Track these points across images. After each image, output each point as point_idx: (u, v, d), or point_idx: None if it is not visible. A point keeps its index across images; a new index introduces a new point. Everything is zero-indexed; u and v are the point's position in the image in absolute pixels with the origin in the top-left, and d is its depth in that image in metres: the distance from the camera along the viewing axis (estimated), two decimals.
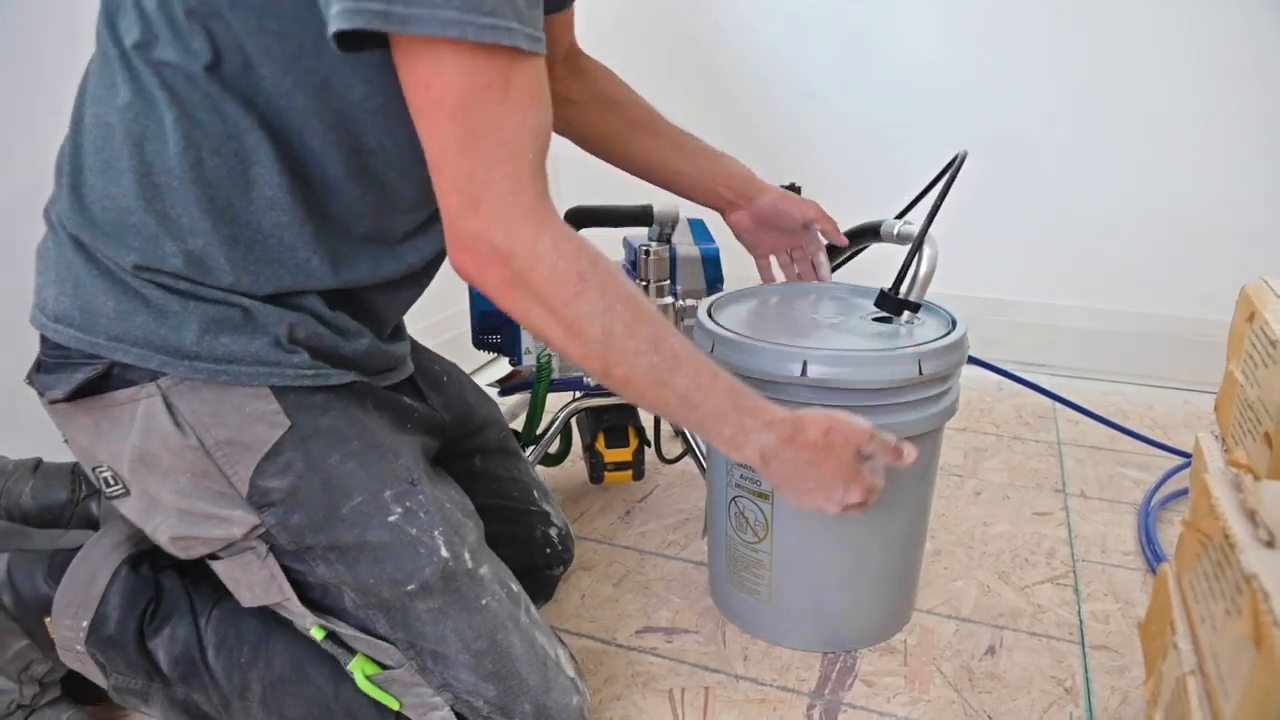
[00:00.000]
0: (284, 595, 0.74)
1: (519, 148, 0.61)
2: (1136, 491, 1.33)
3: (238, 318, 0.69)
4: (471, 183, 0.61)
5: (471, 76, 0.58)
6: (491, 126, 0.60)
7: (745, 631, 1.01)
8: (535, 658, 0.76)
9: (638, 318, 0.67)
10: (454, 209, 0.63)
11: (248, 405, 0.69)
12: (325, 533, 0.71)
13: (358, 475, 0.72)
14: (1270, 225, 1.65)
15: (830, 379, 0.83)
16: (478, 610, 0.74)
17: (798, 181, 1.97)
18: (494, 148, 0.61)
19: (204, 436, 0.69)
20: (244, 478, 0.69)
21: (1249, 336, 0.76)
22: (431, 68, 0.58)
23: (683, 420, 0.73)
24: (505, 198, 0.61)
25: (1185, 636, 0.58)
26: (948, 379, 0.90)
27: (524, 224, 0.62)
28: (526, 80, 0.61)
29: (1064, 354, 1.84)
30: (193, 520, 0.71)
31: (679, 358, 0.69)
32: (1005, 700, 0.90)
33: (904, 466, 0.79)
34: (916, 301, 0.92)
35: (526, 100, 0.61)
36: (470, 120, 0.60)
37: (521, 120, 0.61)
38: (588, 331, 0.65)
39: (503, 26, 0.57)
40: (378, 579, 0.72)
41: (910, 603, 1.03)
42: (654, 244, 1.17)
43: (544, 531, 1.00)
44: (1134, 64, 1.67)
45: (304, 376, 0.71)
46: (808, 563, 0.94)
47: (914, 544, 0.98)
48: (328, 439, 0.71)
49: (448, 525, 0.74)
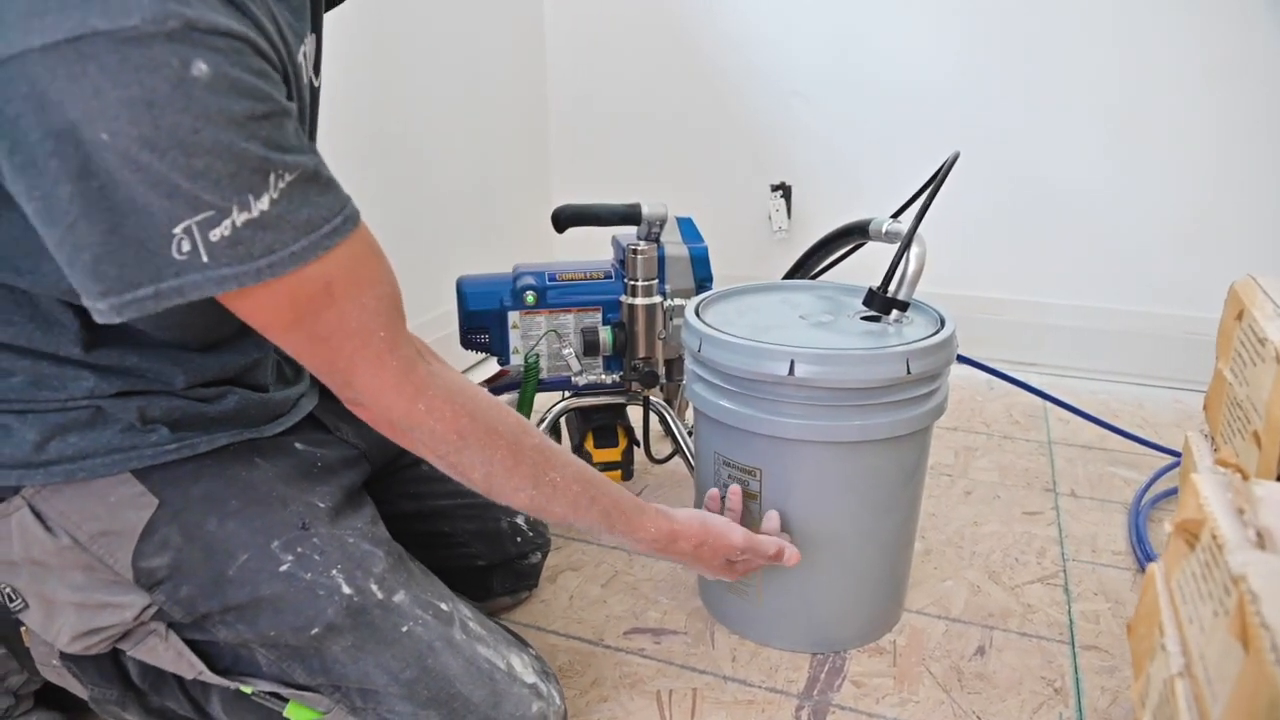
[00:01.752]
0: (196, 669, 0.73)
1: (368, 332, 0.62)
2: (1127, 490, 1.33)
3: (84, 417, 0.67)
4: (335, 372, 0.63)
5: (290, 300, 0.58)
6: (332, 327, 0.61)
7: (734, 632, 1.00)
8: (477, 673, 0.74)
9: (518, 460, 0.71)
10: (332, 386, 0.65)
11: (111, 494, 0.68)
12: (217, 598, 0.70)
13: (239, 534, 0.71)
14: (1259, 223, 1.65)
15: (817, 378, 0.83)
16: (398, 639, 0.72)
17: (788, 181, 1.98)
18: (342, 342, 0.61)
19: (76, 534, 0.68)
20: (125, 563, 0.69)
21: (1238, 335, 0.76)
22: (246, 307, 0.58)
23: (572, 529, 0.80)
24: (370, 379, 0.64)
25: (1173, 638, 0.57)
26: (936, 378, 0.89)
27: (395, 398, 0.65)
28: (347, 267, 0.60)
29: (1054, 352, 1.84)
30: (90, 612, 0.70)
31: (556, 489, 0.73)
32: (995, 701, 0.89)
33: (781, 564, 0.87)
34: (905, 300, 0.92)
35: (356, 287, 0.61)
36: (308, 329, 0.60)
37: (360, 306, 0.61)
38: (470, 475, 0.71)
39: (295, 251, 0.56)
40: (279, 630, 0.71)
41: (900, 603, 1.02)
42: (642, 243, 1.17)
43: (509, 521, 0.99)
44: (1123, 63, 1.67)
45: (166, 453, 0.69)
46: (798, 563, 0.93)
47: (903, 544, 0.98)
48: (202, 506, 0.70)
49: (348, 561, 0.73)
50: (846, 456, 0.88)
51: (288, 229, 0.55)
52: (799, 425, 0.86)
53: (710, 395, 0.91)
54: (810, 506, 0.90)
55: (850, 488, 0.90)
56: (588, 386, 1.22)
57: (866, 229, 1.05)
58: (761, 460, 0.90)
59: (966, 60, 1.77)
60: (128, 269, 0.52)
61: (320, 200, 0.57)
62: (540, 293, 1.19)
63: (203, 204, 0.51)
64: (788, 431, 0.86)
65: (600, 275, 1.22)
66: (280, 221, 0.55)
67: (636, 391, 1.23)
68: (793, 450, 0.88)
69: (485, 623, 0.80)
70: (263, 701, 0.75)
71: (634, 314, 1.18)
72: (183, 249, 0.52)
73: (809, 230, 1.96)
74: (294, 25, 0.64)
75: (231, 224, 0.53)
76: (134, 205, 0.51)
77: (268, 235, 0.54)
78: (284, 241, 0.55)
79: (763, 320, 0.95)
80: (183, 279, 0.53)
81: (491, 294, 1.20)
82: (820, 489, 0.90)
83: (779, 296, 1.05)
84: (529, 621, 1.03)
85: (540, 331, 1.21)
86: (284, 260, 0.55)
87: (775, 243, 2.00)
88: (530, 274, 1.21)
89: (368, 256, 0.62)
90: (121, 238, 0.51)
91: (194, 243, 0.52)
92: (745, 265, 1.95)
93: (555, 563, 1.14)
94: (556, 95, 2.11)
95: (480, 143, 1.86)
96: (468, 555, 0.98)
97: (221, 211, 0.52)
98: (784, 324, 0.94)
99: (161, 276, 0.53)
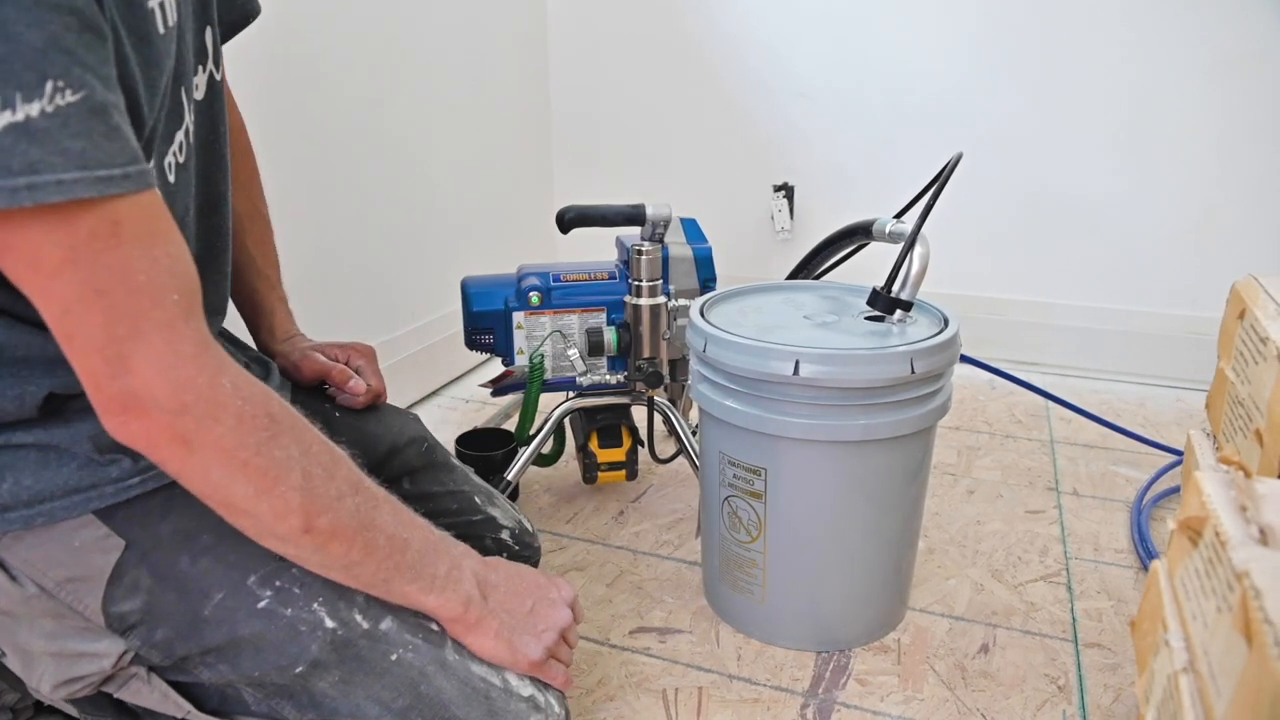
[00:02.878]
0: (183, 710, 0.70)
1: (159, 290, 0.53)
2: (1129, 489, 1.34)
3: (32, 454, 0.62)
4: (114, 340, 0.53)
5: (68, 232, 0.50)
6: (115, 276, 0.52)
7: (739, 631, 1.01)
8: (473, 694, 0.71)
9: (334, 459, 0.63)
10: (98, 371, 0.54)
11: (75, 538, 0.64)
12: (194, 640, 0.67)
13: (213, 571, 0.67)
14: (1261, 224, 1.66)
15: (822, 378, 0.83)
16: (388, 669, 0.69)
17: (790, 181, 1.99)
18: (127, 298, 0.52)
19: (42, 582, 0.64)
20: (96, 609, 0.65)
21: (1240, 334, 0.76)
22: (16, 236, 0.49)
23: (392, 573, 0.67)
24: (162, 348, 0.54)
25: (1177, 634, 0.58)
26: (940, 378, 0.90)
27: (194, 370, 0.55)
28: (138, 216, 0.52)
29: (1056, 352, 1.85)
30: (67, 661, 0.67)
31: (378, 497, 0.67)
32: (999, 698, 0.90)
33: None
34: (909, 300, 0.92)
35: (151, 237, 0.53)
36: (85, 275, 0.51)
37: (151, 260, 0.53)
38: (286, 479, 0.59)
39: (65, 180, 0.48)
40: (263, 670, 0.67)
41: (904, 601, 1.03)
42: (647, 244, 1.17)
43: (494, 538, 0.97)
44: (1126, 62, 1.67)
45: (129, 488, 0.65)
46: (801, 562, 0.94)
47: (907, 543, 0.98)
48: (171, 544, 0.66)
49: (330, 591, 0.69)
50: (851, 455, 0.88)
51: (57, 153, 0.48)
52: (804, 425, 0.86)
53: (715, 395, 0.92)
54: (815, 505, 0.91)
55: (855, 487, 0.90)
56: (592, 387, 1.23)
57: (870, 229, 1.06)
58: (767, 460, 0.90)
59: (969, 61, 1.78)
60: None
61: (104, 143, 0.50)
62: (545, 293, 1.20)
63: None
64: (793, 431, 0.87)
65: (605, 276, 1.23)
66: (48, 139, 0.47)
67: (641, 392, 1.23)
68: (798, 449, 0.88)
69: None
70: None
71: (638, 314, 1.19)
72: None
73: (811, 231, 1.96)
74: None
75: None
76: None
77: (32, 150, 0.47)
78: (51, 165, 0.47)
79: (767, 320, 0.96)
80: None
81: (496, 295, 1.20)
82: (825, 488, 0.90)
83: (782, 297, 1.05)
84: None
85: (545, 332, 1.22)
86: (48, 187, 0.47)
87: (778, 243, 2.01)
88: (535, 275, 1.21)
89: (162, 220, 0.55)
90: None
91: None
92: (747, 266, 1.95)
93: (561, 562, 1.14)
94: (559, 96, 2.12)
95: (484, 144, 1.87)
96: None
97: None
98: (788, 324, 0.95)
99: None
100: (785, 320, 0.96)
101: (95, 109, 0.49)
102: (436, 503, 0.95)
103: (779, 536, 0.93)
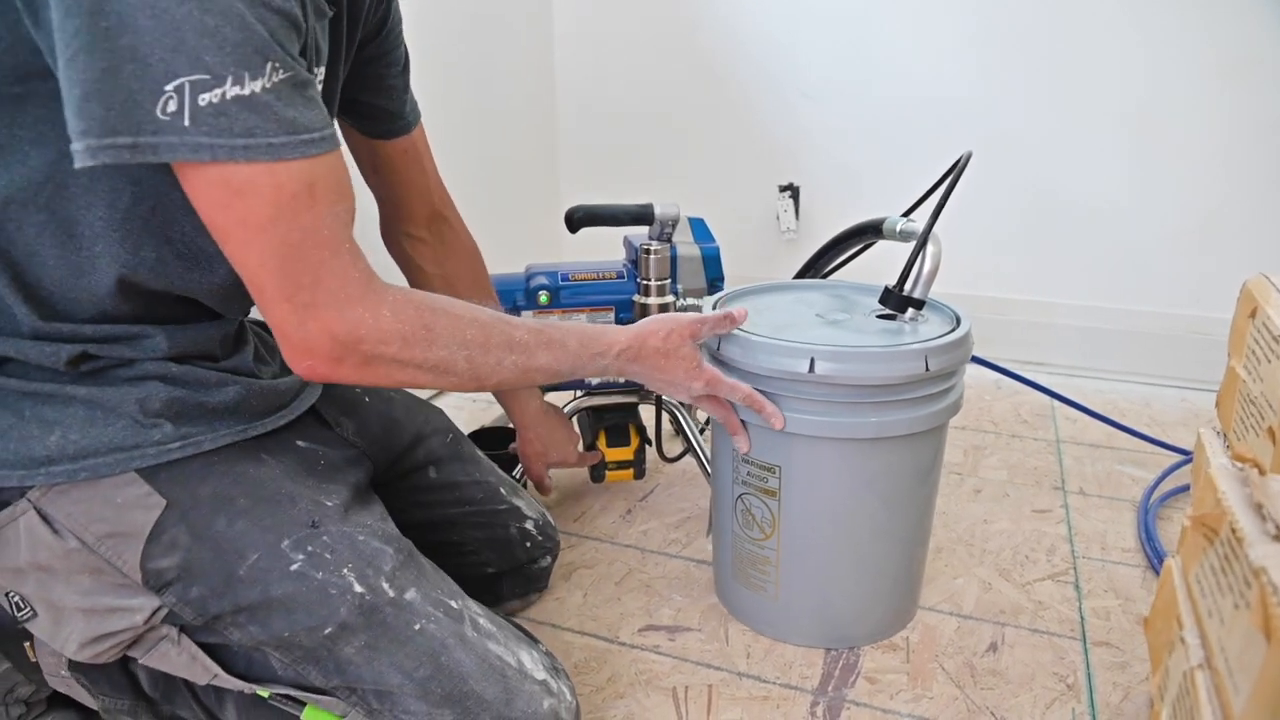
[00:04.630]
0: (211, 673, 0.73)
1: (338, 242, 0.62)
2: (1135, 488, 1.34)
3: (81, 411, 0.67)
4: (300, 290, 0.61)
5: (274, 192, 0.58)
6: (307, 234, 0.60)
7: (750, 629, 1.01)
8: (490, 670, 0.73)
9: (486, 330, 0.71)
10: (287, 319, 0.62)
11: (118, 495, 0.68)
12: (228, 598, 0.69)
13: (249, 533, 0.70)
14: (1265, 223, 1.66)
15: (837, 375, 0.83)
16: (411, 637, 0.72)
17: (796, 181, 1.99)
18: (313, 251, 0.60)
19: (84, 536, 0.67)
20: (134, 565, 0.68)
21: (1251, 332, 0.76)
22: (224, 191, 0.58)
23: (556, 380, 0.79)
24: (337, 293, 0.62)
25: (1193, 631, 0.58)
26: (952, 375, 0.90)
27: (361, 308, 0.63)
28: (328, 178, 0.61)
29: (1061, 352, 1.85)
30: (99, 617, 0.69)
31: (530, 343, 0.74)
32: (1008, 697, 0.90)
33: (737, 327, 0.89)
34: (921, 299, 0.93)
35: (338, 194, 0.62)
36: (284, 233, 0.59)
37: (335, 216, 0.61)
38: (454, 367, 0.69)
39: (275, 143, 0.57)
40: (293, 631, 0.70)
41: (915, 599, 1.03)
42: (655, 243, 1.17)
43: (519, 527, 0.99)
44: (1131, 61, 1.67)
45: (170, 451, 0.69)
46: (814, 559, 0.94)
47: (919, 541, 0.98)
48: (210, 506, 0.70)
49: (359, 559, 0.72)
50: (865, 453, 0.89)
51: (271, 119, 0.56)
52: (818, 422, 0.86)
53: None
54: (829, 503, 0.91)
55: (868, 484, 0.90)
56: (600, 385, 1.23)
57: (879, 228, 1.06)
58: (781, 457, 0.90)
59: (975, 61, 1.78)
60: (112, 114, 0.53)
61: (307, 110, 0.59)
62: (553, 292, 1.20)
63: (201, 64, 0.53)
64: (807, 428, 0.87)
65: (613, 275, 1.23)
66: (266, 109, 0.56)
67: (649, 390, 1.23)
68: (812, 447, 0.89)
69: (495, 619, 0.80)
70: (279, 705, 0.74)
71: (646, 314, 1.19)
72: (168, 109, 0.53)
73: (817, 230, 1.97)
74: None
75: (222, 93, 0.54)
76: (135, 53, 0.52)
77: (252, 118, 0.56)
78: (265, 129, 0.56)
79: (779, 319, 0.96)
80: (160, 138, 0.54)
81: (504, 294, 1.20)
82: (839, 485, 0.90)
83: (793, 296, 1.06)
84: (543, 619, 1.03)
85: None
86: (260, 148, 0.56)
87: (783, 243, 2.01)
88: (543, 274, 1.21)
89: (345, 176, 0.63)
90: (115, 81, 0.52)
91: (181, 105, 0.53)
92: (753, 265, 1.96)
93: (569, 560, 1.15)
94: (565, 96, 2.12)
95: (490, 144, 1.87)
96: (478, 563, 0.98)
97: (216, 78, 0.54)
98: (801, 322, 0.95)
99: (141, 130, 0.53)
100: (797, 319, 0.96)
101: (300, 83, 0.59)
102: (462, 491, 0.97)
103: (792, 533, 0.93)
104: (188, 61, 0.53)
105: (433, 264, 1.04)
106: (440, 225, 1.04)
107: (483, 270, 1.09)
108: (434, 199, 1.03)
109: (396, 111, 0.95)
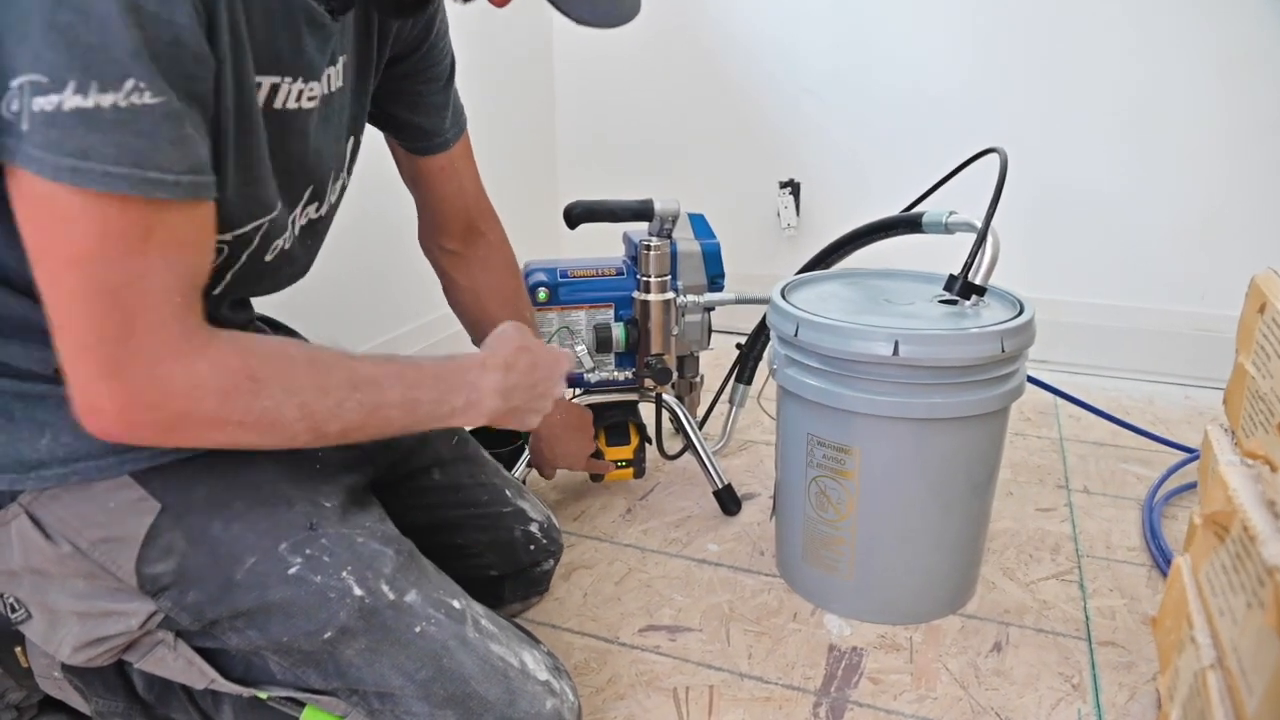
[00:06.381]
0: (208, 677, 0.71)
1: (163, 294, 0.54)
2: (1139, 487, 1.33)
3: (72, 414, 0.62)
4: (106, 341, 0.53)
5: (99, 226, 0.51)
6: (129, 281, 0.53)
7: (819, 607, 1.03)
8: (492, 671, 0.73)
9: (324, 371, 0.63)
10: (86, 372, 0.54)
11: (111, 499, 0.66)
12: (225, 603, 0.68)
13: (245, 537, 0.68)
14: (1268, 221, 1.65)
15: (921, 358, 0.86)
16: (412, 640, 0.71)
17: (797, 178, 1.98)
18: (131, 299, 0.53)
19: (77, 541, 0.66)
20: (129, 570, 0.66)
21: (1260, 327, 0.75)
22: (44, 211, 0.51)
23: (412, 425, 0.69)
24: (148, 348, 0.54)
25: (1203, 630, 0.57)
26: (1018, 358, 0.94)
27: (174, 364, 0.55)
28: (175, 230, 0.54)
29: (1064, 349, 1.84)
30: (94, 621, 0.68)
31: (378, 377, 0.66)
32: (1012, 697, 0.89)
33: None
34: (982, 286, 0.97)
35: (174, 249, 0.54)
36: (101, 274, 0.52)
37: (167, 267, 0.54)
38: (282, 417, 0.61)
39: (112, 174, 0.50)
40: (292, 635, 0.68)
41: (977, 573, 1.06)
42: (655, 239, 1.16)
43: (523, 530, 0.98)
44: (1134, 60, 1.66)
45: (164, 453, 0.66)
46: (890, 538, 0.97)
47: (986, 515, 1.02)
48: (205, 509, 0.68)
49: (358, 562, 0.71)
50: (941, 433, 0.92)
51: (113, 144, 0.50)
52: (897, 403, 0.89)
53: (805, 378, 0.95)
54: (905, 482, 0.94)
55: (943, 463, 0.93)
56: (600, 383, 1.22)
57: (917, 222, 1.10)
58: (858, 439, 0.93)
59: (976, 58, 1.77)
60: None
61: (169, 147, 0.52)
62: (552, 289, 1.19)
63: (41, 63, 0.47)
64: (886, 410, 0.90)
65: (612, 272, 1.22)
66: (111, 131, 0.49)
67: (649, 388, 1.23)
68: (890, 428, 0.92)
69: (496, 620, 0.79)
70: (278, 707, 0.73)
71: (647, 310, 1.18)
72: (11, 108, 0.48)
73: (817, 227, 1.96)
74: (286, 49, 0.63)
75: (58, 101, 0.48)
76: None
77: (90, 136, 0.49)
78: (104, 155, 0.49)
79: (850, 305, 0.99)
80: (22, 144, 0.49)
81: None
82: (915, 465, 0.93)
83: (854, 284, 1.08)
84: (543, 620, 1.02)
85: (552, 328, 1.21)
86: (93, 174, 0.49)
87: (784, 239, 2.00)
88: (542, 270, 1.20)
89: (201, 232, 0.57)
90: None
91: (21, 106, 0.48)
92: (754, 261, 1.95)
93: (569, 560, 1.14)
94: (564, 90, 2.11)
95: (488, 140, 1.85)
96: (480, 566, 0.97)
97: (55, 82, 0.48)
98: (873, 308, 0.98)
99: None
100: (868, 305, 0.99)
101: (169, 115, 0.51)
102: (467, 493, 0.96)
103: (869, 514, 0.95)
104: (30, 58, 0.47)
105: (464, 276, 1.02)
106: (475, 239, 1.02)
107: (516, 285, 1.06)
108: (471, 214, 1.00)
109: (433, 129, 0.92)
